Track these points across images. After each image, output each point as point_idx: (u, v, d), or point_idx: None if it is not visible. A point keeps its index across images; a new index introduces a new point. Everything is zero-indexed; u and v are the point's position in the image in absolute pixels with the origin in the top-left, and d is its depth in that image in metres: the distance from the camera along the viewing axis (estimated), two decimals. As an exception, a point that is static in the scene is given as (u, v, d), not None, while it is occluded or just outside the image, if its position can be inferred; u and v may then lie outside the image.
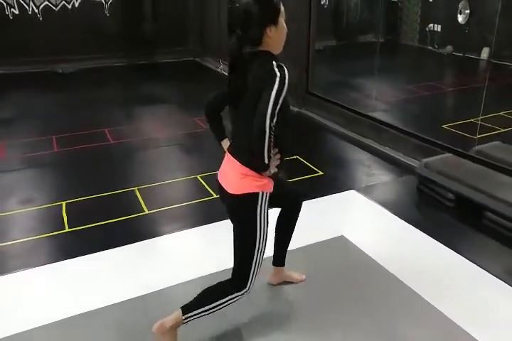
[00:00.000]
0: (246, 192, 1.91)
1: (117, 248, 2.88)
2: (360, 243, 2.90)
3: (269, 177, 1.93)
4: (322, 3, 9.44)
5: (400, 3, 9.38)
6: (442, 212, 3.39)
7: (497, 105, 5.13)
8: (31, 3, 8.00)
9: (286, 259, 2.47)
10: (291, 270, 2.55)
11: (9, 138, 4.91)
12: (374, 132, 4.79)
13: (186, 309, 2.00)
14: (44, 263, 2.75)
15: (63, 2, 8.22)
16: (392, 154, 4.44)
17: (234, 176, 1.95)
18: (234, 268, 2.07)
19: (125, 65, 8.65)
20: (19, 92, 6.78)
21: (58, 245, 2.99)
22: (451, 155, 3.81)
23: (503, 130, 4.71)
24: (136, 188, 3.72)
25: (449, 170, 3.51)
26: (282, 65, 1.84)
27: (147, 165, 4.28)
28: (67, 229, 3.13)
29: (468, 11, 7.49)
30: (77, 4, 8.32)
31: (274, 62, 1.82)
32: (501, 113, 5.14)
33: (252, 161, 1.87)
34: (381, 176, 4.06)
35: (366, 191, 3.69)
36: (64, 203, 3.48)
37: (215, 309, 2.01)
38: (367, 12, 9.26)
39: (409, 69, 7.50)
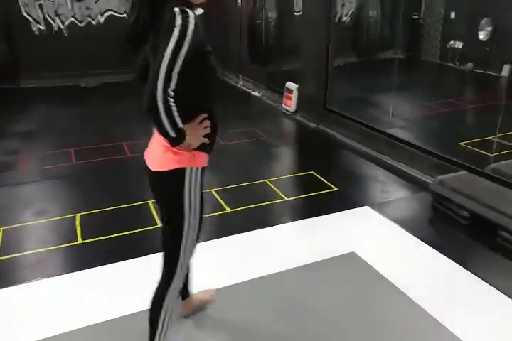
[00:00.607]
0: (170, 168, 1.64)
1: (130, 260, 2.92)
2: (371, 260, 2.87)
3: (198, 149, 1.67)
4: (343, 19, 9.54)
5: (421, 20, 9.39)
6: (456, 230, 3.33)
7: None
8: (57, 20, 8.27)
9: (296, 275, 2.40)
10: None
11: (30, 151, 5.05)
12: (390, 149, 4.77)
13: None
14: (56, 274, 2.80)
15: (88, 18, 8.47)
16: (407, 171, 4.40)
17: (156, 150, 1.69)
18: (163, 256, 1.84)
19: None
20: (42, 106, 6.98)
21: (71, 256, 3.03)
22: (466, 172, 3.76)
23: (521, 148, 4.63)
24: (150, 201, 3.76)
25: (463, 187, 3.46)
26: (189, 10, 1.48)
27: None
28: (79, 241, 3.19)
29: (490, 28, 7.45)
30: (101, 20, 8.56)
31: (177, 9, 1.46)
32: (520, 131, 5.06)
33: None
34: (396, 192, 4.02)
35: (380, 207, 3.66)
36: (78, 215, 3.54)
37: (168, 324, 1.82)
38: (387, 28, 9.28)
39: (428, 86, 7.45)
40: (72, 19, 8.37)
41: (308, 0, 6.01)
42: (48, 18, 8.22)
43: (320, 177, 4.28)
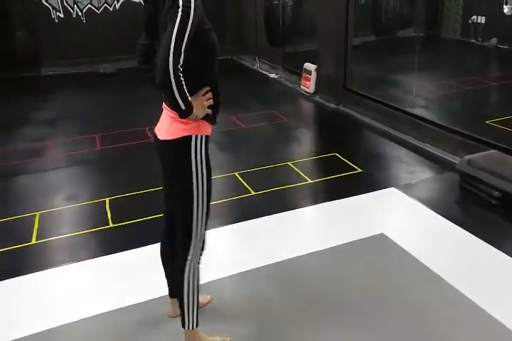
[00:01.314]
0: (176, 137, 1.74)
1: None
2: (400, 241, 2.86)
3: (202, 119, 1.76)
4: (360, -2, 9.34)
5: (441, -5, 9.14)
6: (486, 210, 3.29)
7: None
8: (75, 7, 8.27)
9: (329, 256, 2.42)
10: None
11: (55, 137, 5.11)
12: (414, 128, 4.70)
13: (182, 322, 1.96)
14: (90, 257, 2.86)
15: (105, 5, 8.45)
16: (432, 151, 4.35)
17: (164, 121, 1.81)
18: (177, 229, 1.90)
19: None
20: (64, 93, 7.03)
21: (103, 240, 3.09)
22: (495, 151, 3.69)
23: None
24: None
25: (493, 166, 3.40)
26: None
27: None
28: (111, 225, 3.24)
29: (514, 2, 7.20)
30: (118, 6, 8.54)
31: None
32: (549, 107, 4.94)
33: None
34: (421, 173, 3.98)
35: (406, 188, 3.63)
36: (107, 199, 3.59)
37: (194, 295, 1.91)
38: (406, 6, 9.06)
39: (450, 64, 7.29)
40: (90, 6, 8.37)
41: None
42: (67, 5, 8.22)
43: (343, 159, 4.25)
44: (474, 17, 8.27)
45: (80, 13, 8.33)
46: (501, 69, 7.03)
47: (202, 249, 1.96)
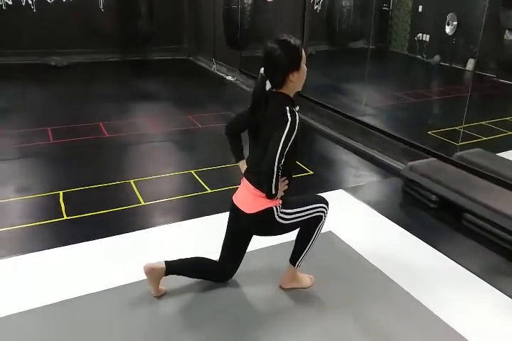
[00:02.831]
0: (261, 209, 2.19)
1: (113, 236, 2.98)
2: (347, 238, 3.06)
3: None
4: (315, 8, 9.64)
5: (390, 12, 9.61)
6: (425, 213, 3.57)
7: (480, 114, 5.36)
8: (26, -5, 8.03)
9: (279, 250, 2.61)
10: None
11: (5, 129, 4.96)
12: (363, 135, 4.97)
13: (295, 261, 2.43)
14: (41, 248, 2.83)
15: (58, -5, 8.25)
16: (379, 157, 4.62)
17: (248, 197, 2.23)
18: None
19: (119, 61, 8.73)
20: (13, 84, 6.82)
21: (57, 232, 3.08)
22: (435, 159, 3.99)
23: (484, 138, 4.93)
24: (132, 181, 3.83)
25: (432, 173, 3.69)
26: (295, 109, 2.08)
27: (142, 159, 4.39)
28: (65, 217, 3.23)
29: (455, 23, 7.73)
30: (71, -2, 8.36)
31: (287, 107, 2.04)
32: (483, 122, 5.37)
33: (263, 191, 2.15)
34: (368, 177, 4.23)
35: (354, 191, 3.85)
36: (61, 192, 3.57)
37: (314, 243, 2.41)
38: (359, 19, 9.46)
39: (398, 77, 7.72)
40: (41, -5, 8.14)
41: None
42: (16, -8, 7.96)
43: (296, 161, 4.42)
44: (420, 35, 8.79)
45: (30, 2, 8.07)
46: (443, 85, 7.53)
47: (327, 204, 2.41)
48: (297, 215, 2.27)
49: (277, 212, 2.21)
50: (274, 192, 2.07)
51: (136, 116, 5.71)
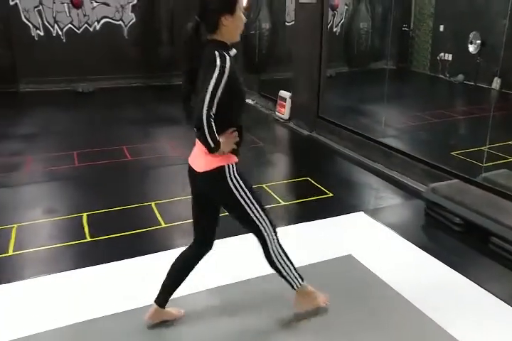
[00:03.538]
0: (213, 167, 2.09)
1: (135, 257, 3.02)
2: (367, 262, 3.00)
3: (229, 152, 2.09)
4: (334, 30, 9.75)
5: (411, 32, 9.64)
6: (449, 236, 3.47)
7: (506, 134, 5.25)
8: (56, 26, 8.37)
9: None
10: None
11: (33, 153, 5.13)
12: (383, 157, 4.92)
13: (290, 285, 2.37)
14: (66, 269, 2.90)
15: (86, 25, 8.58)
16: (400, 178, 4.55)
17: (200, 155, 2.13)
18: (251, 232, 2.29)
19: (142, 86, 8.95)
20: (42, 109, 7.05)
21: (80, 253, 3.14)
22: (458, 181, 3.91)
23: (511, 159, 4.81)
24: (153, 203, 3.87)
25: (456, 195, 3.61)
26: (226, 53, 1.94)
27: (163, 182, 4.45)
28: (88, 239, 3.29)
29: (479, 41, 7.68)
30: (98, 27, 8.69)
31: (216, 52, 1.92)
32: (510, 142, 5.26)
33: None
34: (389, 199, 4.17)
35: (374, 213, 3.79)
36: (85, 214, 3.65)
37: (287, 265, 2.34)
38: (378, 39, 9.53)
39: (419, 97, 7.68)
40: (70, 25, 8.49)
41: (301, 10, 6.16)
42: (47, 24, 8.32)
43: (315, 183, 4.41)
44: (442, 54, 8.77)
45: (60, 32, 8.43)
46: (467, 104, 7.44)
47: (275, 230, 2.28)
48: (246, 195, 2.15)
49: (230, 171, 2.10)
50: (212, 144, 1.94)
51: (158, 139, 5.81)
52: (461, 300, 2.67)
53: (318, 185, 4.36)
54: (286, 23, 8.54)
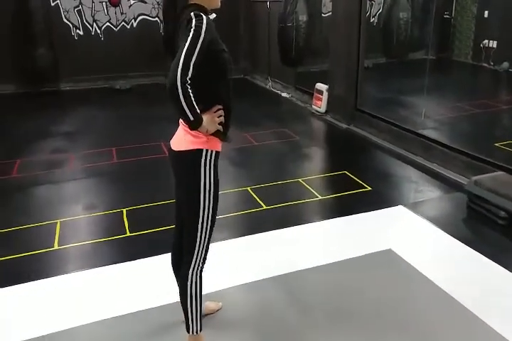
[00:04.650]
0: (189, 148, 1.87)
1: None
2: (408, 257, 2.94)
3: (213, 135, 1.87)
4: (371, 20, 9.54)
5: (452, 20, 9.31)
6: (493, 230, 3.36)
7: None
8: (94, 25, 8.58)
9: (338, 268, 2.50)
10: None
11: (75, 150, 5.28)
12: (423, 149, 4.80)
13: (187, 327, 2.07)
14: (108, 263, 2.97)
15: (123, 23, 8.75)
16: (440, 171, 4.43)
17: (179, 133, 1.95)
18: (183, 238, 2.02)
19: (179, 82, 9.04)
20: (82, 107, 7.24)
21: (121, 248, 3.22)
22: (503, 173, 3.77)
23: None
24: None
25: (501, 188, 3.48)
26: (203, 14, 1.76)
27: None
28: (128, 234, 3.37)
29: (527, 27, 7.34)
30: (135, 24, 8.83)
31: (192, 13, 1.75)
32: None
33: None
34: (429, 192, 4.06)
35: (414, 207, 3.71)
36: (124, 210, 3.73)
37: (197, 302, 2.01)
38: (417, 29, 9.24)
39: (461, 87, 7.42)
40: (108, 24, 8.67)
41: (338, 0, 6.06)
42: (86, 23, 8.53)
43: (353, 177, 4.35)
44: (486, 41, 8.43)
45: (98, 31, 8.62)
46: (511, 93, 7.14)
47: (205, 259, 2.02)
48: (209, 195, 1.90)
49: (207, 157, 1.87)
50: (191, 116, 1.71)
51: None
52: (503, 294, 2.58)
53: (357, 179, 4.30)
54: (323, 15, 8.43)
